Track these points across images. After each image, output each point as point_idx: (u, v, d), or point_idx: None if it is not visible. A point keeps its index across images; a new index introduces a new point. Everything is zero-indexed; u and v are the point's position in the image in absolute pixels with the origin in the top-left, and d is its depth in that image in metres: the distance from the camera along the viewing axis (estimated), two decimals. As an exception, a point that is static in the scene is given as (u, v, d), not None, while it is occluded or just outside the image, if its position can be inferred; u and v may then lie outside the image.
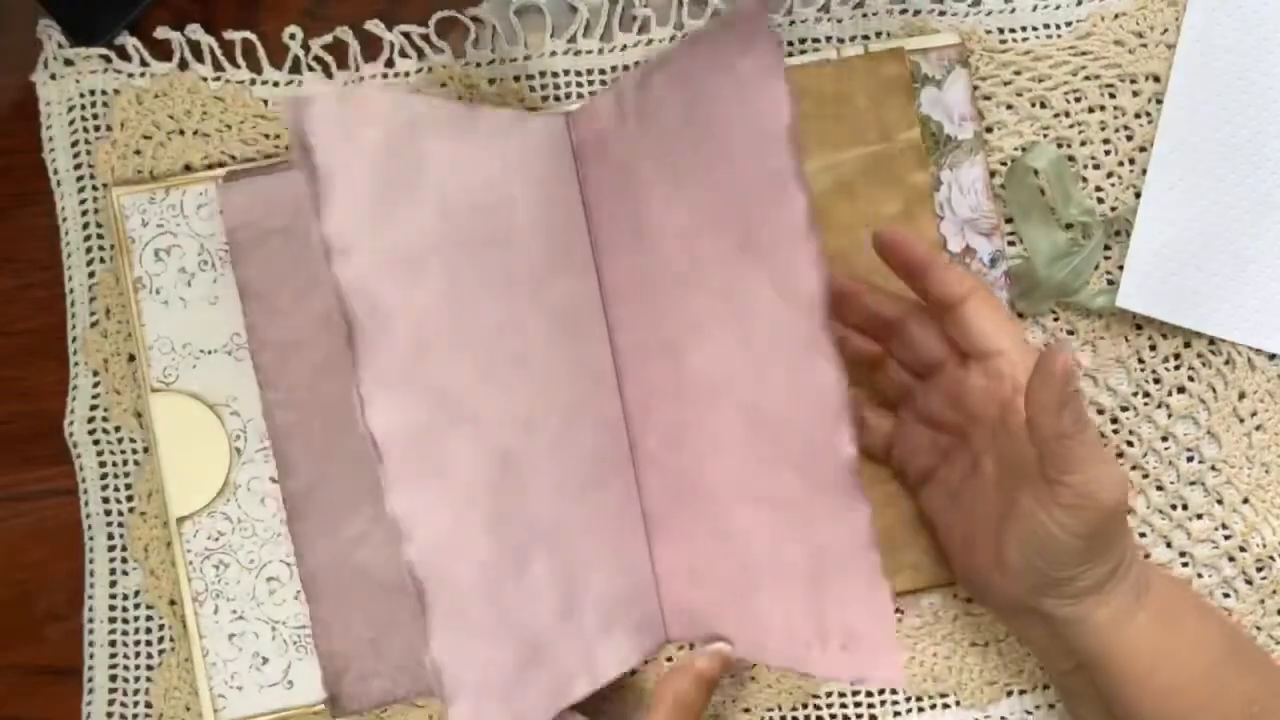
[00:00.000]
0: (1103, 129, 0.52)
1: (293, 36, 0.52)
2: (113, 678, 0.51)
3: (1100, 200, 0.52)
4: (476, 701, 0.40)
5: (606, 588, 0.46)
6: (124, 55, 0.52)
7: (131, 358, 0.51)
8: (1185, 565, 0.51)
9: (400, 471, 0.39)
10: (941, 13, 0.52)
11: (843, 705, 0.51)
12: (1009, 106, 0.52)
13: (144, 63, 0.52)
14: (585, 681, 0.45)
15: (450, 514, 0.41)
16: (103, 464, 0.51)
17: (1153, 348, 0.52)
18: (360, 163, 0.39)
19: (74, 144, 0.52)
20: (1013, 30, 0.52)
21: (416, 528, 0.39)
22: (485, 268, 0.44)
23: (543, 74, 0.52)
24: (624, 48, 0.52)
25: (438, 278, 0.42)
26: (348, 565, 0.50)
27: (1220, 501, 0.51)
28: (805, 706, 0.51)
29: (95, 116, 0.52)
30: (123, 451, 0.51)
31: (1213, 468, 0.51)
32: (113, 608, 0.51)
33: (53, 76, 0.52)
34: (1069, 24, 0.52)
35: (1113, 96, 0.52)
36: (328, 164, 0.38)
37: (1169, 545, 0.51)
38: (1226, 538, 0.51)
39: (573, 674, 0.44)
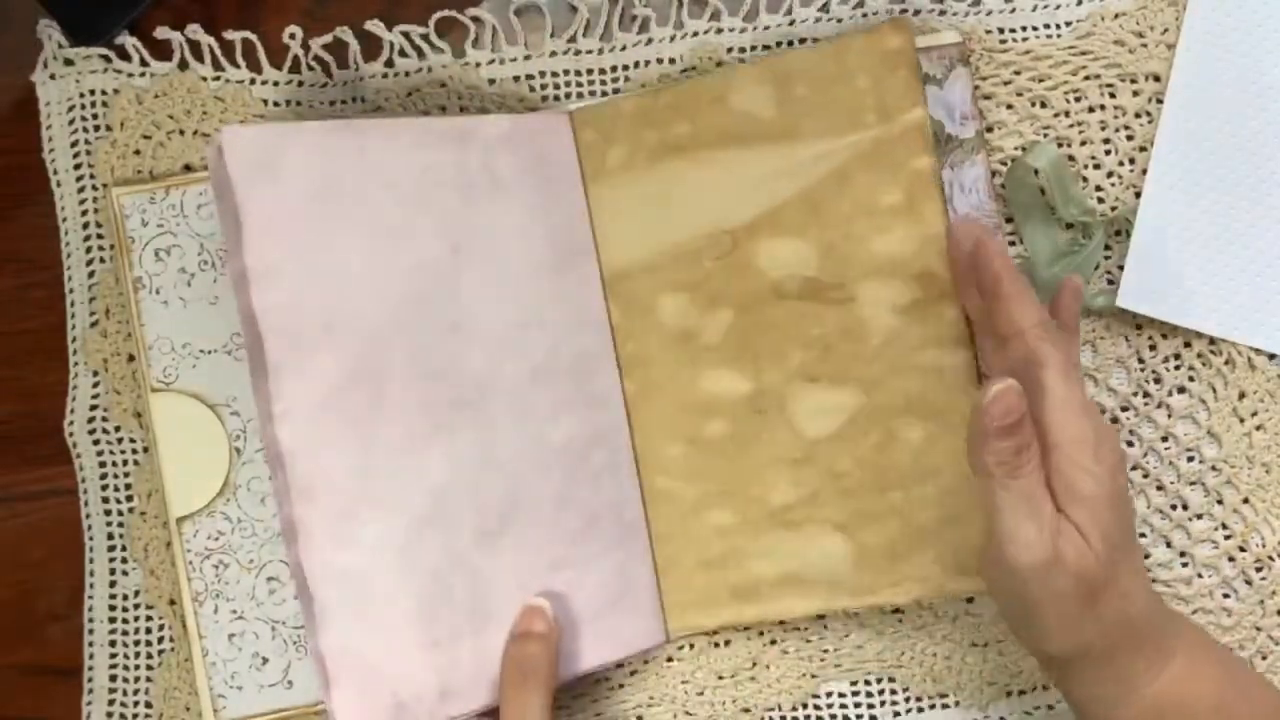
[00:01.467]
0: (1103, 129, 0.52)
1: (293, 36, 0.52)
2: (113, 678, 0.51)
3: (1100, 200, 0.52)
4: (356, 690, 0.41)
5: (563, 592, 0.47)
6: (124, 55, 0.52)
7: (131, 358, 0.51)
8: (1185, 565, 0.51)
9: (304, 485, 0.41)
10: (941, 12, 0.52)
11: (843, 705, 0.51)
12: (1009, 106, 0.52)
13: (144, 63, 0.52)
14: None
15: (382, 519, 0.43)
16: (103, 464, 0.51)
17: (1153, 348, 0.52)
18: (284, 195, 0.42)
19: (74, 144, 0.52)
20: (1013, 30, 0.52)
21: (315, 530, 0.41)
22: (447, 277, 0.45)
23: (543, 74, 0.52)
24: (624, 48, 0.52)
25: (381, 296, 0.43)
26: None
27: (1220, 501, 0.51)
28: (805, 706, 0.51)
29: (95, 116, 0.52)
30: (123, 451, 0.51)
31: (1213, 468, 0.51)
32: (113, 608, 0.51)
33: (53, 76, 0.52)
34: (1069, 24, 0.52)
35: (1113, 96, 0.52)
36: (245, 196, 0.41)
37: (1169, 545, 0.51)
38: (1226, 538, 0.51)
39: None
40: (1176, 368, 0.52)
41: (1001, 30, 0.52)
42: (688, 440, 0.48)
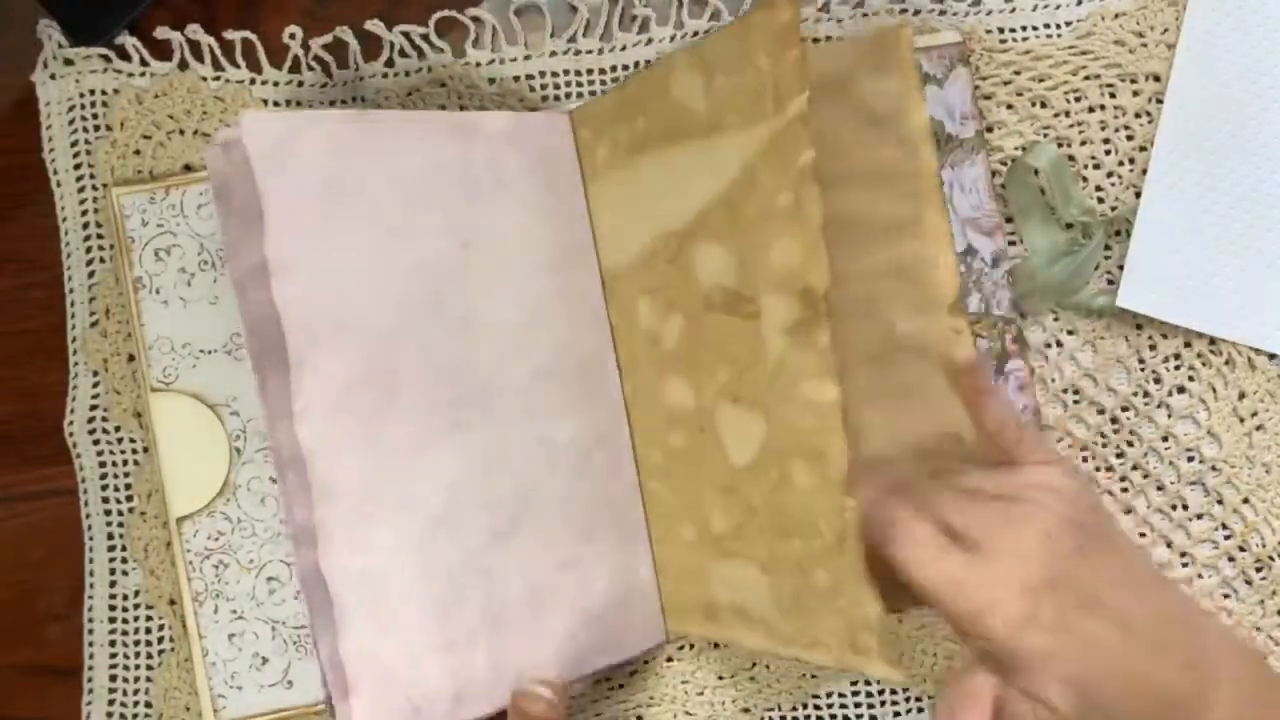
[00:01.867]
0: (1103, 129, 0.52)
1: (293, 36, 0.52)
2: (113, 678, 0.51)
3: (1100, 200, 0.52)
4: (373, 696, 0.41)
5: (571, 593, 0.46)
6: (124, 55, 0.52)
7: (131, 358, 0.51)
8: (1185, 565, 0.51)
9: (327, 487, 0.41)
10: (942, 12, 0.52)
11: (843, 705, 0.51)
12: (1009, 106, 0.52)
13: (144, 63, 0.52)
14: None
15: (397, 519, 0.42)
16: (103, 464, 0.51)
17: (1153, 348, 0.52)
18: (301, 184, 0.41)
19: (74, 144, 0.52)
20: (1013, 30, 0.52)
21: (335, 532, 0.41)
22: (455, 274, 0.45)
23: (543, 74, 0.52)
24: (624, 48, 0.52)
25: (387, 292, 0.43)
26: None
27: (1220, 501, 0.51)
28: (805, 706, 0.51)
29: (95, 116, 0.52)
30: (123, 451, 0.51)
31: (1213, 468, 0.51)
32: (113, 608, 0.51)
33: (53, 76, 0.52)
34: (1069, 24, 0.52)
35: (1113, 96, 0.52)
36: (266, 184, 0.40)
37: (1169, 545, 0.51)
38: (1226, 538, 0.51)
39: (522, 670, 0.44)
40: (1176, 368, 0.52)
41: (1001, 30, 0.52)
42: (663, 448, 0.47)
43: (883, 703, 0.51)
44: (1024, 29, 0.52)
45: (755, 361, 0.41)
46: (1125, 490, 0.51)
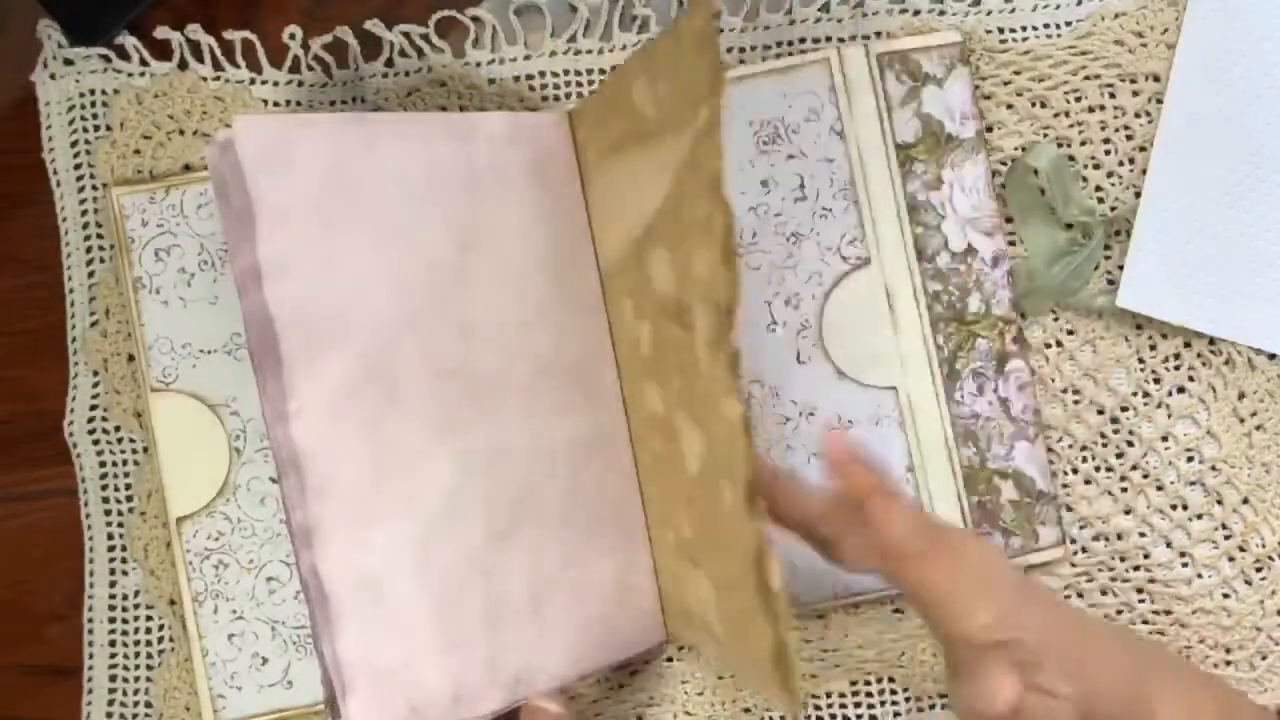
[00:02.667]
0: (1103, 129, 0.52)
1: (293, 36, 0.52)
2: (113, 678, 0.51)
3: (1100, 200, 0.52)
4: (370, 696, 0.41)
5: (582, 592, 0.46)
6: (124, 55, 0.52)
7: (131, 358, 0.51)
8: (1185, 565, 0.51)
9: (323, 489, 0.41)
10: (941, 12, 0.52)
11: (842, 705, 0.51)
12: (1009, 106, 0.52)
13: (144, 63, 0.52)
14: (543, 679, 0.45)
15: (397, 519, 0.42)
16: (103, 464, 0.51)
17: (1153, 348, 0.52)
18: (296, 187, 0.41)
19: (74, 144, 0.52)
20: (1013, 30, 0.52)
21: (332, 532, 0.41)
22: (455, 273, 0.45)
23: (543, 74, 0.52)
24: (624, 48, 0.52)
25: (388, 291, 0.43)
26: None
27: (1220, 501, 0.51)
28: (805, 706, 0.51)
29: (95, 116, 0.52)
30: (123, 451, 0.51)
31: (1213, 468, 0.51)
32: (113, 608, 0.51)
33: (53, 76, 0.52)
34: (1069, 24, 0.52)
35: (1113, 96, 0.52)
36: (257, 186, 0.40)
37: (1169, 545, 0.51)
38: (1226, 538, 0.51)
39: (522, 671, 0.44)
40: (1176, 368, 0.52)
41: (1001, 30, 0.52)
42: (650, 450, 0.47)
43: (882, 703, 0.51)
44: (1024, 29, 0.52)
45: (695, 374, 0.40)
46: (1125, 490, 0.51)
